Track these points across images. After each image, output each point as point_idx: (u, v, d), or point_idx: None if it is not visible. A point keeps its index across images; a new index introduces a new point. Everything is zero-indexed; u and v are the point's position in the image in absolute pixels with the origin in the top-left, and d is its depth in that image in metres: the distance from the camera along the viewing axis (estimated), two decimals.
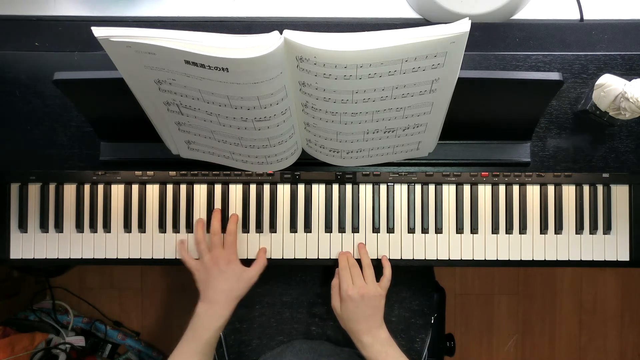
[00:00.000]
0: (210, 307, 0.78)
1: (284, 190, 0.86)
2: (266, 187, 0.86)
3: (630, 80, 0.68)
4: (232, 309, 0.79)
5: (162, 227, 0.86)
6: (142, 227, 0.86)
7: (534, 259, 0.85)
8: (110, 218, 0.86)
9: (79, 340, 1.36)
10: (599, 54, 0.77)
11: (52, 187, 0.86)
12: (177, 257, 0.85)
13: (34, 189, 0.86)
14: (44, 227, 0.86)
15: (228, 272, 0.79)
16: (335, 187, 0.85)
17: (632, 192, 0.84)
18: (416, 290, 0.95)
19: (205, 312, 0.78)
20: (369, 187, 0.85)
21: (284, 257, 0.86)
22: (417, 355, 0.93)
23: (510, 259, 0.85)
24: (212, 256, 0.80)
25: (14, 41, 0.83)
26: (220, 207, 0.85)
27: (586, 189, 0.85)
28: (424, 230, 0.85)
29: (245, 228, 0.86)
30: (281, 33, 0.53)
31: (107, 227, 0.86)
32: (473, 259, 0.85)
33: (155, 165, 0.82)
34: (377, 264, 0.84)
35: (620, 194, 0.85)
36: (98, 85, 0.68)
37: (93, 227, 0.86)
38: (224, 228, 0.83)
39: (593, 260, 0.85)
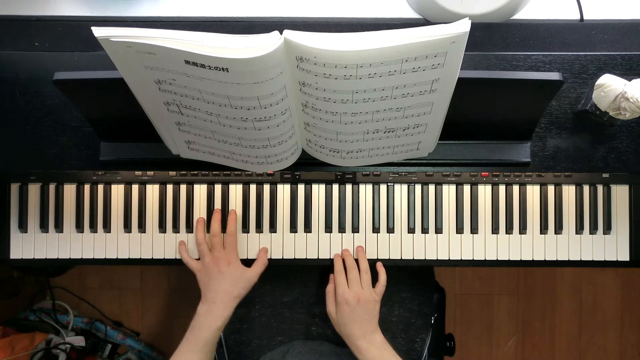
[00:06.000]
0: (209, 308, 0.78)
1: (284, 190, 0.86)
2: (266, 187, 0.86)
3: (630, 80, 0.69)
4: (232, 309, 0.79)
5: (162, 227, 0.86)
6: (142, 227, 0.86)
7: (534, 259, 0.85)
8: (110, 218, 0.86)
9: (79, 340, 1.36)
10: (599, 54, 0.77)
11: (52, 187, 0.86)
12: (178, 258, 0.85)
13: (34, 189, 0.86)
14: (44, 227, 0.85)
15: (228, 272, 0.80)
16: (335, 187, 0.85)
17: (632, 192, 0.84)
18: (416, 290, 0.95)
19: (205, 312, 0.78)
20: (369, 187, 0.85)
21: (284, 257, 0.86)
22: (417, 355, 0.93)
23: (510, 259, 0.85)
24: (213, 257, 0.81)
25: (14, 41, 0.83)
26: (220, 208, 0.85)
27: (586, 189, 0.85)
28: (424, 230, 0.85)
29: (245, 228, 0.86)
30: (281, 33, 0.53)
31: (107, 227, 0.86)
32: (473, 259, 0.85)
33: (155, 165, 0.82)
34: (372, 264, 0.84)
35: (620, 194, 0.85)
36: (98, 85, 0.68)
37: (93, 227, 0.86)
38: (223, 228, 0.84)
39: (593, 260, 0.85)
